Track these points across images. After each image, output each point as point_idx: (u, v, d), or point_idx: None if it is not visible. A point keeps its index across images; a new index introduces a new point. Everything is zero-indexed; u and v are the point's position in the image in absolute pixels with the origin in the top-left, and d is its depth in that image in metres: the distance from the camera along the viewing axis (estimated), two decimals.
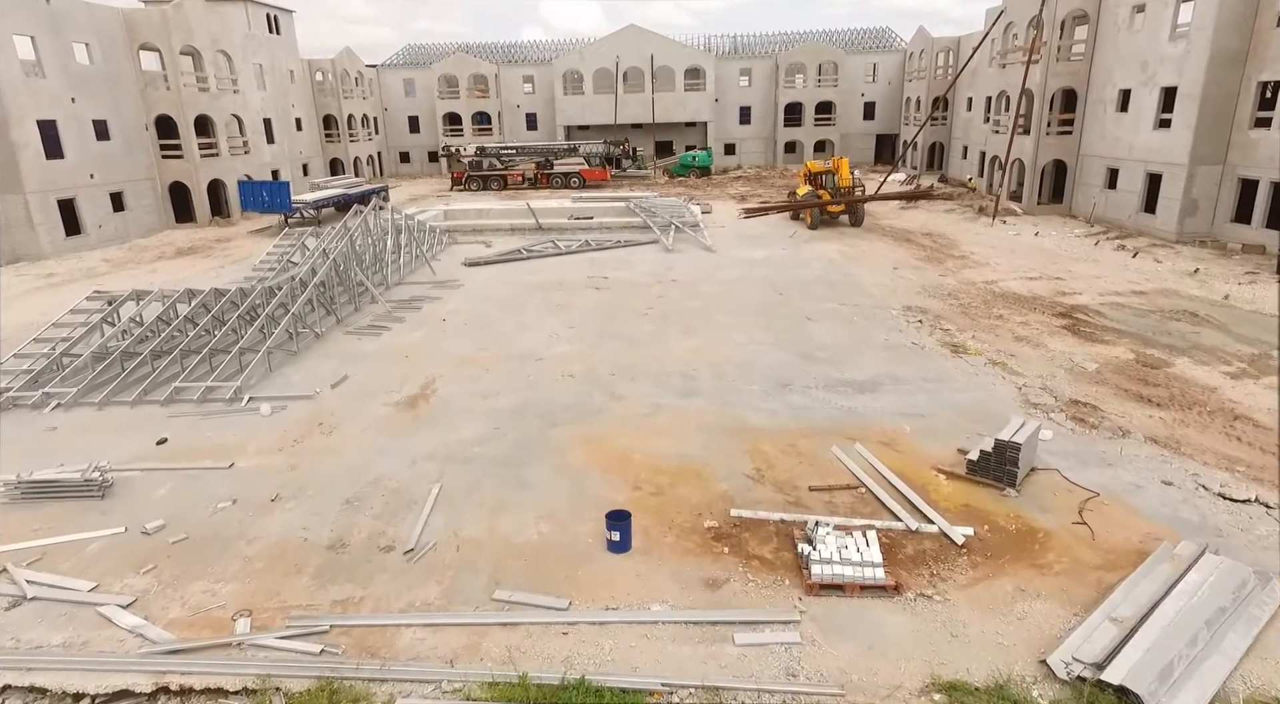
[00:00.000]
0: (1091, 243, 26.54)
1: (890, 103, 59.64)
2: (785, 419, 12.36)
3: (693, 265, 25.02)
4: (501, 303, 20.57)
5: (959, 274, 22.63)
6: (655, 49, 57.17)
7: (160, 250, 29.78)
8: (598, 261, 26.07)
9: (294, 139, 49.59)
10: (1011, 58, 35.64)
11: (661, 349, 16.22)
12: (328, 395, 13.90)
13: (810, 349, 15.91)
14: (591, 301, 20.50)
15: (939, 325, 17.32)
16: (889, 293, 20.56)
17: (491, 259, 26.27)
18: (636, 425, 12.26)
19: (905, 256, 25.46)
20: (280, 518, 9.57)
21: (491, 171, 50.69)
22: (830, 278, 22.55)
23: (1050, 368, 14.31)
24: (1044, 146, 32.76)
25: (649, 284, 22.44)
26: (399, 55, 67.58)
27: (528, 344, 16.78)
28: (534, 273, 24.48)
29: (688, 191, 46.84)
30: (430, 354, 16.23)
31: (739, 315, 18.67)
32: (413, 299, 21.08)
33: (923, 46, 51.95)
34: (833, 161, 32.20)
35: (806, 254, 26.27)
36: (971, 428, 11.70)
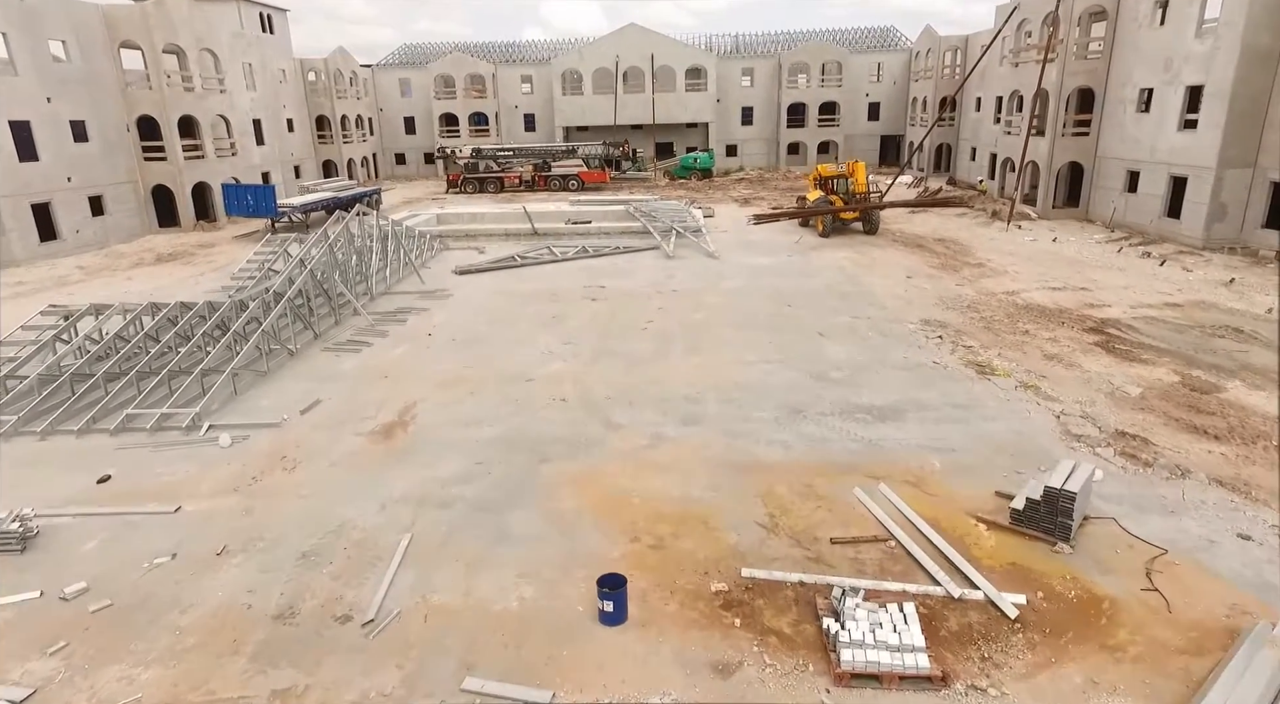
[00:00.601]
0: (1114, 249, 25.29)
1: (895, 103, 58.42)
2: (800, 452, 11.12)
3: (695, 274, 23.78)
4: (492, 315, 19.34)
5: (977, 284, 21.38)
6: (656, 48, 55.97)
7: (139, 257, 28.55)
8: (595, 269, 24.84)
9: (285, 140, 48.39)
10: (1025, 56, 34.41)
11: (663, 368, 14.98)
12: (296, 423, 12.66)
13: (824, 369, 14.67)
14: (588, 314, 19.27)
15: (961, 342, 16.07)
16: (904, 304, 19.32)
17: (483, 267, 25.04)
18: (635, 460, 11.02)
19: (918, 264, 24.21)
20: (224, 577, 8.33)
21: (488, 174, 49.49)
22: (841, 288, 21.31)
23: (1088, 392, 13.07)
24: (1060, 148, 31.52)
25: (649, 294, 21.20)
26: (394, 55, 66.41)
27: (518, 362, 15.55)
28: (528, 281, 23.25)
29: (689, 194, 45.62)
30: (412, 374, 15.00)
31: (746, 330, 17.43)
32: (398, 311, 19.85)
33: (929, 45, 50.72)
34: (847, 165, 30.23)
35: (814, 261, 25.03)
36: (1009, 465, 10.46)
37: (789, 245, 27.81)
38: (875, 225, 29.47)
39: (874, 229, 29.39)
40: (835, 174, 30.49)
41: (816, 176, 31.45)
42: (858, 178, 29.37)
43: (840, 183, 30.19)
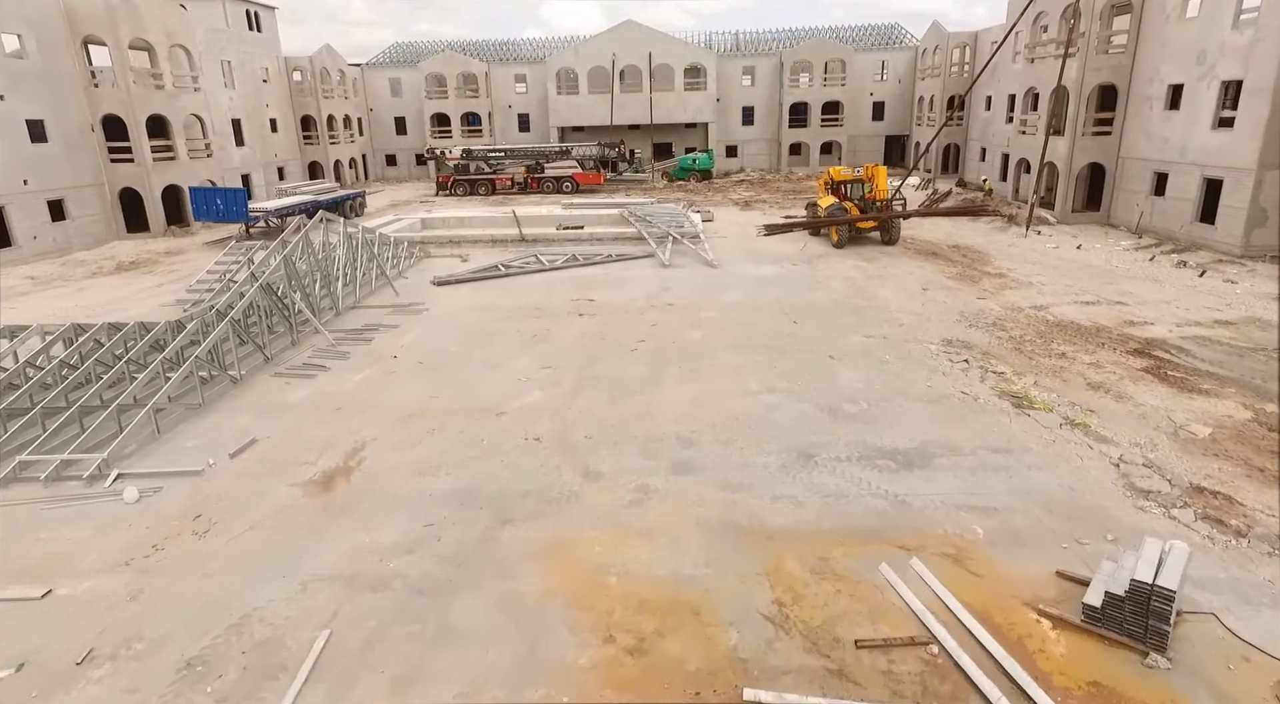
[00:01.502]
0: (1145, 257, 23.46)
1: (900, 103, 56.61)
2: (812, 512, 9.29)
3: (692, 285, 21.96)
4: (467, 334, 17.51)
5: (1000, 297, 19.55)
6: (654, 46, 54.16)
7: (99, 265, 26.75)
8: (585, 280, 23.03)
9: (268, 141, 46.61)
10: (1042, 51, 32.60)
11: (653, 399, 13.15)
12: (222, 469, 10.84)
13: (836, 400, 12.85)
14: (573, 332, 17.45)
15: (990, 366, 14.24)
16: (922, 321, 17.49)
17: (464, 277, 23.22)
18: (615, 523, 9.19)
19: (934, 274, 22.38)
20: (76, 701, 6.51)
21: (479, 176, 47.72)
22: (851, 302, 19.48)
23: (1146, 431, 11.24)
24: (1080, 148, 29.70)
25: (642, 309, 19.39)
26: (385, 54, 64.65)
27: (491, 391, 13.72)
28: (511, 294, 21.43)
29: (687, 197, 43.83)
30: (369, 405, 13.18)
31: (747, 352, 15.60)
32: (365, 328, 18.04)
33: (937, 42, 48.91)
34: (865, 169, 27.61)
35: (821, 271, 23.20)
36: (1068, 531, 8.64)
37: (793, 254, 25.98)
38: (895, 235, 26.80)
39: (894, 239, 26.71)
40: (850, 178, 27.90)
41: (828, 181, 28.76)
42: (877, 183, 26.73)
43: (855, 188, 27.74)
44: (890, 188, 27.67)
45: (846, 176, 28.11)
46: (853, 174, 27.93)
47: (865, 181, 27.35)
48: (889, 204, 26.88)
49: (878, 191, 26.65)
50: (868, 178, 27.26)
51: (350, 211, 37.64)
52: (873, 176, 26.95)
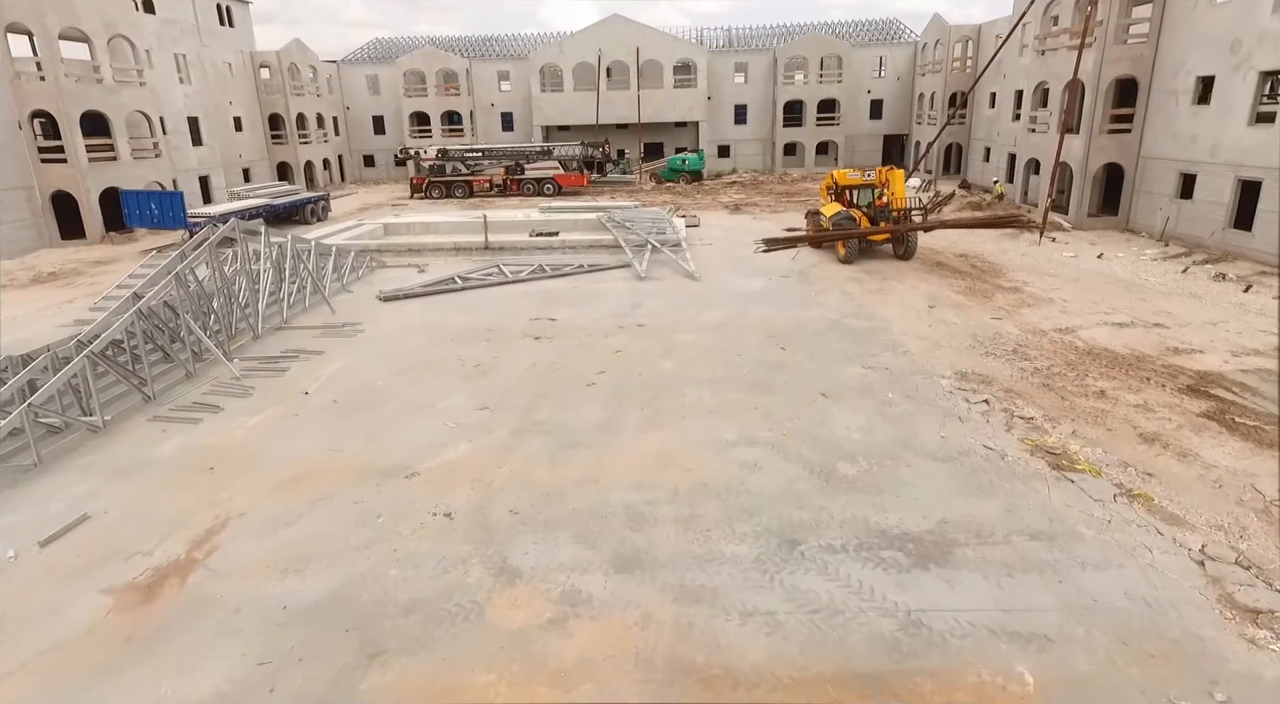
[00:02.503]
0: (1175, 269, 21.02)
1: (900, 100, 54.22)
2: (795, 644, 6.78)
3: (670, 300, 19.48)
4: (400, 362, 14.99)
5: (1018, 316, 17.08)
6: (642, 41, 51.72)
7: (13, 277, 24.15)
8: (550, 294, 20.53)
9: (232, 141, 44.11)
10: (1054, 42, 30.18)
11: (604, 454, 10.66)
12: (26, 563, 8.32)
13: (830, 456, 10.36)
14: (524, 361, 14.93)
15: (1015, 409, 11.77)
16: (931, 347, 15.01)
17: (414, 292, 20.69)
18: (525, 659, 6.68)
19: (940, 288, 19.91)
20: None
21: (455, 177, 45.20)
22: (849, 322, 17.00)
23: (1228, 507, 8.76)
24: (1096, 147, 27.27)
25: (609, 331, 16.89)
26: (363, 50, 62.10)
27: (408, 443, 11.21)
28: (463, 312, 18.92)
29: (675, 200, 41.39)
30: (251, 463, 10.66)
31: (726, 387, 13.11)
32: (284, 355, 15.51)
33: (938, 36, 46.52)
34: (877, 173, 24.10)
35: (815, 285, 20.71)
36: (1154, 681, 6.15)
37: (784, 265, 23.49)
38: (913, 249, 23.35)
39: (910, 253, 23.32)
40: (858, 183, 24.44)
41: (831, 186, 25.30)
42: (893, 189, 23.07)
43: (864, 194, 24.42)
44: (912, 199, 24.19)
45: (854, 181, 24.66)
46: (861, 178, 24.49)
47: (877, 187, 23.96)
48: (907, 213, 23.35)
49: (894, 199, 23.05)
50: (880, 183, 23.78)
51: (311, 216, 35.17)
52: (887, 181, 23.41)
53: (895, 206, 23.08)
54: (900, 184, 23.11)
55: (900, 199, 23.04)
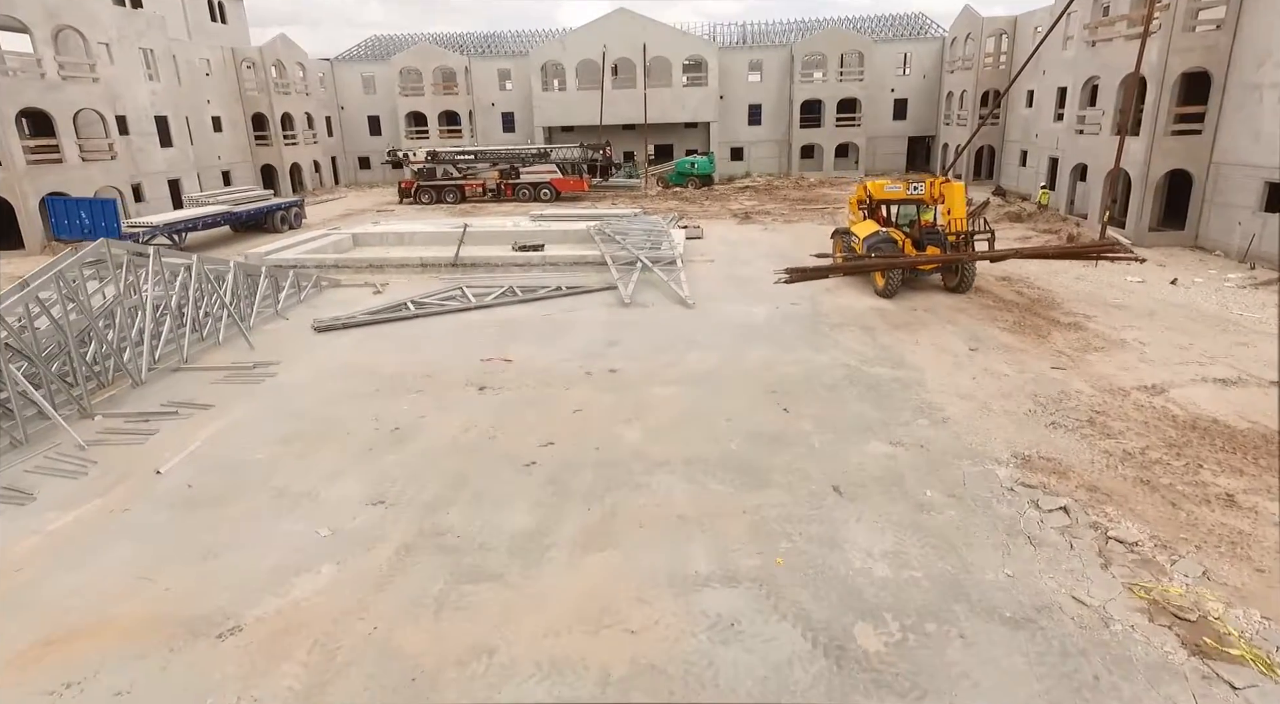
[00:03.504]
0: (1271, 298, 17.39)
1: (925, 99, 50.51)
2: None
3: (653, 335, 16.20)
4: (300, 424, 11.84)
5: (1085, 364, 13.60)
6: (649, 37, 48.41)
7: None
8: (514, 324, 17.34)
9: (209, 142, 41.47)
10: (1106, 32, 26.51)
11: (516, 601, 7.38)
12: None
13: (845, 611, 7.03)
14: (457, 422, 11.73)
15: (1108, 522, 8.36)
16: (978, 412, 11.60)
17: (354, 321, 17.57)
18: None
19: (982, 323, 16.45)
20: None
21: (446, 181, 42.26)
22: (869, 370, 13.61)
23: None
24: (1160, 151, 23.59)
25: (571, 379, 13.65)
26: (359, 48, 59.43)
27: (249, 566, 8.01)
28: (405, 348, 15.77)
29: (681, 206, 38.13)
30: (3, 607, 7.53)
31: (705, 475, 9.81)
32: (161, 410, 12.42)
33: (969, 30, 42.83)
34: (926, 185, 19.30)
35: (830, 316, 17.32)
36: None
37: (793, 287, 20.12)
38: (970, 281, 18.72)
39: (967, 285, 18.71)
40: (900, 198, 19.91)
41: (864, 199, 21.12)
42: (952, 205, 18.45)
43: (905, 211, 20.13)
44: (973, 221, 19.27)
45: (894, 195, 20.04)
46: (905, 191, 19.75)
47: (928, 204, 19.54)
48: (969, 237, 18.59)
49: (952, 219, 18.45)
50: (932, 199, 19.21)
51: (282, 224, 32.33)
52: (942, 197, 18.76)
53: (955, 229, 18.42)
54: (960, 201, 18.46)
55: (961, 220, 18.39)
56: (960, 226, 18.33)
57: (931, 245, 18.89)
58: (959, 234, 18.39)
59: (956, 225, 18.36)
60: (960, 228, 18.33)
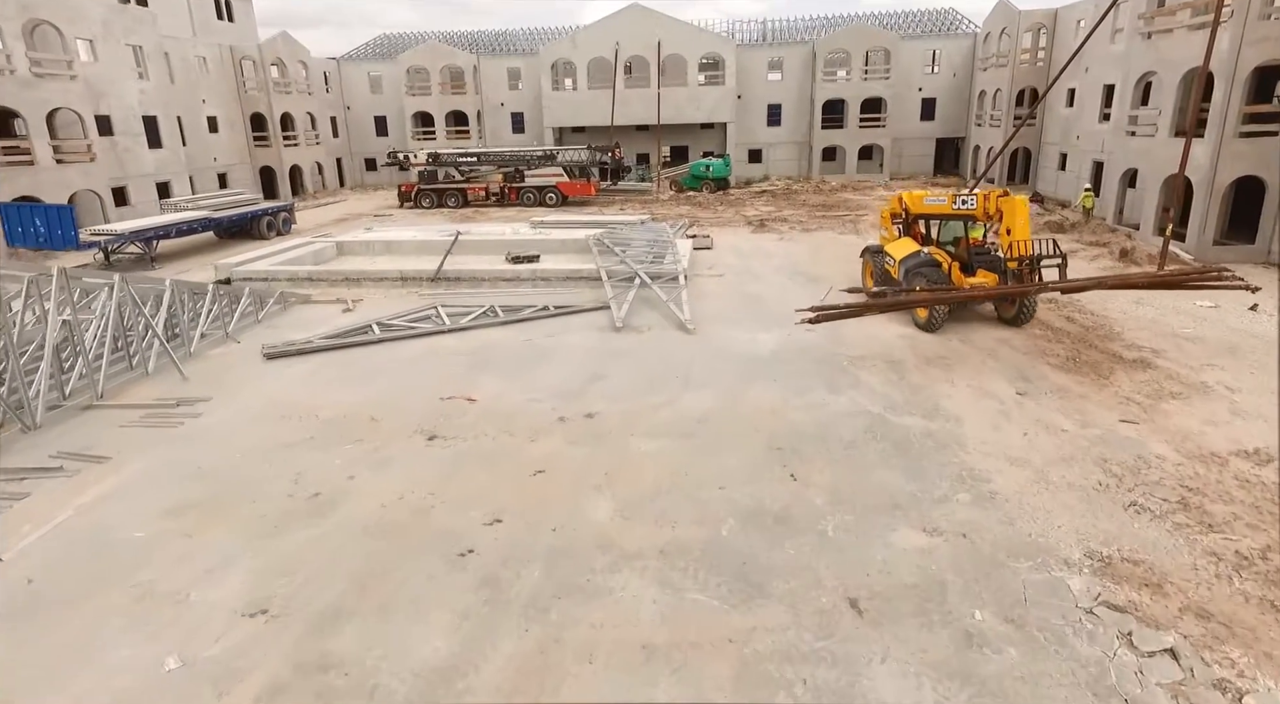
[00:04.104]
0: None
1: (955, 99, 47.78)
2: None
3: (644, 368, 14.00)
4: (201, 488, 9.79)
5: (1162, 416, 11.18)
6: (664, 34, 46.21)
7: None
8: (489, 352, 15.23)
9: (205, 143, 39.94)
10: (1163, 23, 23.86)
11: None
12: None
13: None
14: (388, 490, 9.61)
15: (1235, 679, 6.02)
16: (1033, 485, 9.26)
17: (310, 347, 15.57)
18: None
19: (1028, 357, 14.04)
20: None
21: (448, 184, 40.39)
22: (896, 420, 11.30)
23: None
24: (1228, 156, 20.94)
25: (540, 425, 11.49)
26: (366, 47, 57.90)
27: None
28: (356, 381, 13.72)
29: (692, 212, 35.89)
30: None
31: (683, 577, 7.58)
32: (46, 464, 10.44)
33: (1004, 24, 40.11)
34: (980, 198, 15.70)
35: (850, 346, 14.98)
36: None
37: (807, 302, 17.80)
38: (1031, 312, 15.76)
39: (1028, 317, 15.76)
40: (943, 212, 16.74)
41: (899, 212, 18.15)
42: (1013, 224, 14.88)
43: (949, 227, 17.07)
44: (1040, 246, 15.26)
45: (937, 209, 16.91)
46: (950, 204, 16.36)
47: (982, 222, 16.03)
48: (1036, 262, 14.92)
49: (1014, 240, 14.87)
50: (987, 215, 15.58)
51: (269, 230, 30.59)
52: (999, 213, 15.21)
53: (1018, 253, 14.81)
54: (1024, 218, 15.02)
55: (1025, 242, 14.88)
56: (1024, 250, 14.84)
57: (983, 269, 15.90)
58: (1023, 259, 14.85)
59: (1020, 249, 14.86)
60: (1024, 251, 14.83)
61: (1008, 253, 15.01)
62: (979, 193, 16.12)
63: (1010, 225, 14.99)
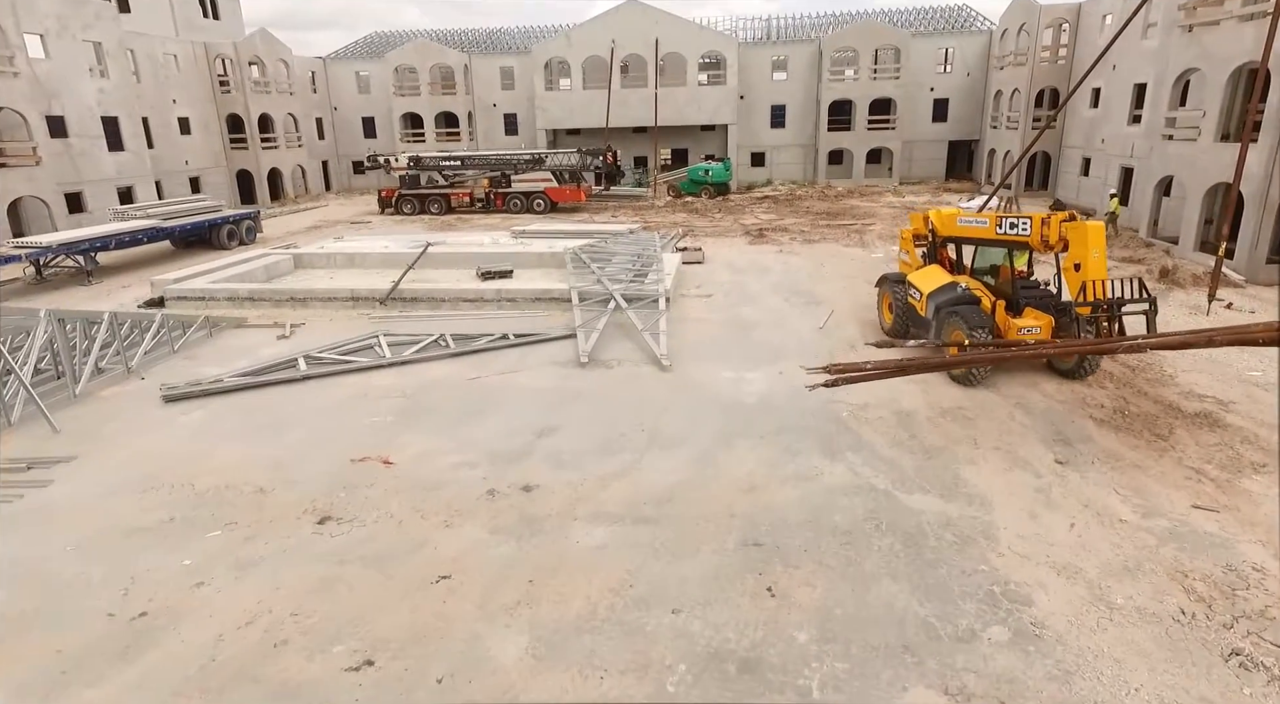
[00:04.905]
0: None
1: (969, 99, 45.28)
2: None
3: (605, 419, 11.69)
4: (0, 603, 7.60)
5: (1241, 498, 8.78)
6: (663, 31, 43.94)
7: None
8: (426, 395, 12.96)
9: (175, 146, 37.98)
10: (1206, 14, 21.38)
11: None
12: None
13: None
14: (237, 612, 7.33)
15: None
16: (1090, 615, 6.88)
17: (220, 386, 13.33)
18: None
19: (1067, 408, 11.64)
20: None
21: (431, 190, 38.25)
22: (907, 502, 8.94)
23: None
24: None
25: (464, 501, 9.20)
26: (354, 46, 55.84)
27: None
28: (260, 434, 11.46)
29: (688, 220, 33.63)
30: None
31: None
32: None
33: (1023, 20, 37.61)
34: (1036, 223, 12.08)
35: (847, 389, 12.58)
36: None
37: (804, 338, 15.49)
38: (1095, 366, 12.63)
39: (1090, 371, 12.60)
40: (982, 236, 13.44)
41: (925, 233, 15.06)
42: (1084, 256, 11.51)
43: (985, 252, 13.91)
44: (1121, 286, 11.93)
45: (974, 232, 13.65)
46: (993, 227, 12.91)
47: (1039, 248, 12.21)
48: (1117, 307, 11.43)
49: (1087, 277, 11.45)
50: (1046, 246, 11.97)
51: (230, 240, 28.49)
52: (1062, 242, 11.78)
53: (1092, 295, 11.37)
54: (1100, 250, 11.47)
55: (1101, 275, 11.42)
56: (1101, 292, 11.35)
57: (1032, 307, 12.71)
58: (1099, 303, 11.33)
59: (1095, 290, 11.33)
60: (1100, 293, 11.34)
61: (1079, 296, 11.50)
62: (1034, 215, 12.33)
63: (1081, 259, 11.50)
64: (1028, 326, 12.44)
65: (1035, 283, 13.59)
